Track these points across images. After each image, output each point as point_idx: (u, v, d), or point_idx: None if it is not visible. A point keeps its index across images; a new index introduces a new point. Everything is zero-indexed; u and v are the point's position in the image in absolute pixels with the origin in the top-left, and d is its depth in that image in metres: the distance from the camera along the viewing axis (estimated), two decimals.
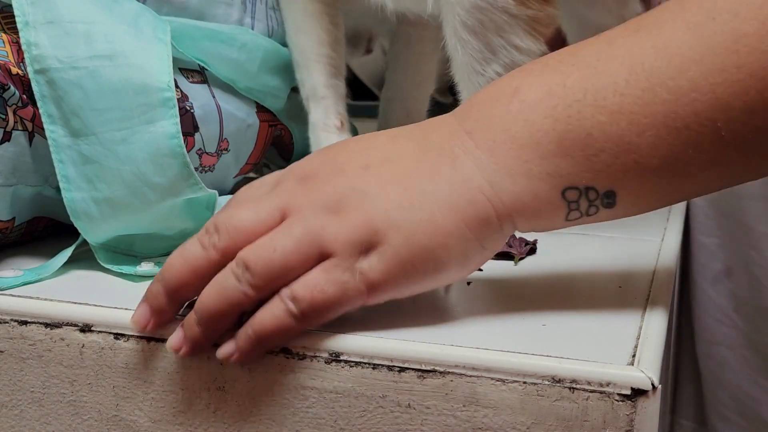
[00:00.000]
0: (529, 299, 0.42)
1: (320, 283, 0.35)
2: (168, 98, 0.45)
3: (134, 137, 0.45)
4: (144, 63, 0.45)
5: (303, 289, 0.35)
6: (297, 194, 0.37)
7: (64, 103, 0.45)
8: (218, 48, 0.56)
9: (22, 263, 0.48)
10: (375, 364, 0.35)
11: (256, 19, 0.60)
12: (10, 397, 0.41)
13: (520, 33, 0.51)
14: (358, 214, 0.36)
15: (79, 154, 0.45)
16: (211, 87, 0.56)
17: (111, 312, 0.39)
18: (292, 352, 0.36)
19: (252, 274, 0.35)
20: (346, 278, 0.35)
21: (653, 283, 0.44)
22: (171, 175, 0.45)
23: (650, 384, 0.32)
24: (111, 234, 0.47)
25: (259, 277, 0.35)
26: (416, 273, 0.36)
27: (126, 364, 0.39)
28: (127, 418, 0.39)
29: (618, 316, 0.39)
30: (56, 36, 0.45)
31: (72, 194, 0.45)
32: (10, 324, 0.40)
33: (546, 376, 0.33)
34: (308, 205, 0.36)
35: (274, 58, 0.60)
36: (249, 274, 0.35)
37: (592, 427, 0.33)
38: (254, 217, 0.37)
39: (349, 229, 0.35)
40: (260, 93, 0.60)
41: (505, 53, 0.51)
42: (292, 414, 0.37)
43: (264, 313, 0.35)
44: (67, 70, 0.45)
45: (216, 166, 0.56)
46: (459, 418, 0.35)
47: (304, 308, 0.35)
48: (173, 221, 0.49)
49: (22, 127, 0.46)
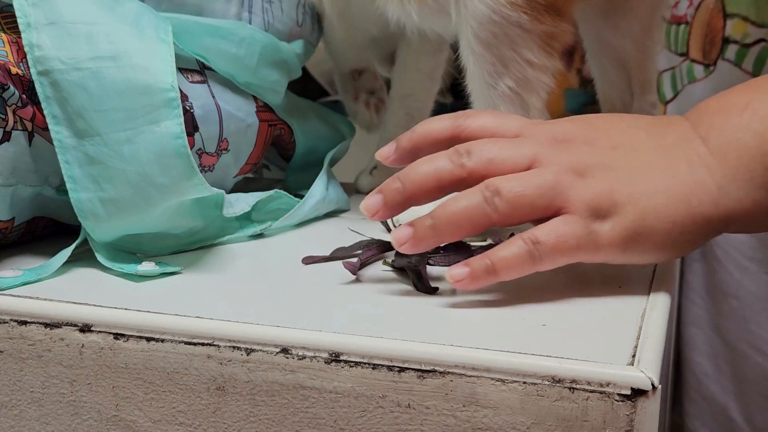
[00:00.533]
0: (529, 299, 0.42)
1: (563, 232, 0.40)
2: (172, 98, 0.45)
3: (139, 138, 0.45)
4: (147, 63, 0.45)
5: (546, 235, 0.40)
6: (548, 151, 0.42)
7: (68, 105, 0.45)
8: (218, 43, 0.56)
9: (21, 263, 0.48)
10: (375, 364, 0.35)
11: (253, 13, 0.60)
12: (10, 397, 0.41)
13: (534, 48, 0.51)
14: (602, 183, 0.40)
15: (84, 154, 0.45)
16: (211, 87, 0.56)
17: (111, 312, 0.39)
18: (292, 352, 0.36)
19: (502, 199, 0.40)
20: (582, 234, 0.40)
21: (653, 283, 0.44)
22: (175, 175, 0.45)
23: (650, 384, 0.32)
24: (118, 233, 0.47)
25: (508, 205, 0.40)
26: (637, 248, 0.41)
27: (126, 364, 0.39)
28: (126, 418, 0.39)
29: (618, 316, 0.39)
30: (58, 37, 0.45)
31: (78, 195, 0.45)
32: (10, 324, 0.40)
33: (546, 376, 0.33)
34: (559, 163, 0.41)
35: (272, 52, 0.60)
36: (499, 199, 0.40)
37: (591, 427, 0.33)
38: (507, 155, 0.42)
39: (592, 193, 0.40)
40: (259, 88, 0.60)
41: (517, 67, 0.52)
42: (292, 414, 0.37)
43: (505, 249, 0.40)
44: (70, 72, 0.45)
45: (216, 166, 0.56)
46: (459, 418, 0.35)
47: (544, 252, 0.40)
48: (180, 220, 0.49)
49: (22, 127, 0.46)
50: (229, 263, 0.49)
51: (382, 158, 0.45)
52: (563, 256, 0.40)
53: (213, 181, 0.56)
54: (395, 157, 0.45)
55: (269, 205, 0.57)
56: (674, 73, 0.81)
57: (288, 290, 0.44)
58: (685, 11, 0.78)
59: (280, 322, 0.38)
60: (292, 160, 0.68)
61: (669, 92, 0.82)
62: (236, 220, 0.54)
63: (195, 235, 0.51)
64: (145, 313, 0.39)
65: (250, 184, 0.68)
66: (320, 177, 0.62)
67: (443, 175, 0.42)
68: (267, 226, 0.55)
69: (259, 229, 0.55)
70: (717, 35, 0.74)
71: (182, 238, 0.51)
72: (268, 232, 0.56)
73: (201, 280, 0.46)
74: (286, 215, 0.56)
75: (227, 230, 0.54)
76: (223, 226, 0.53)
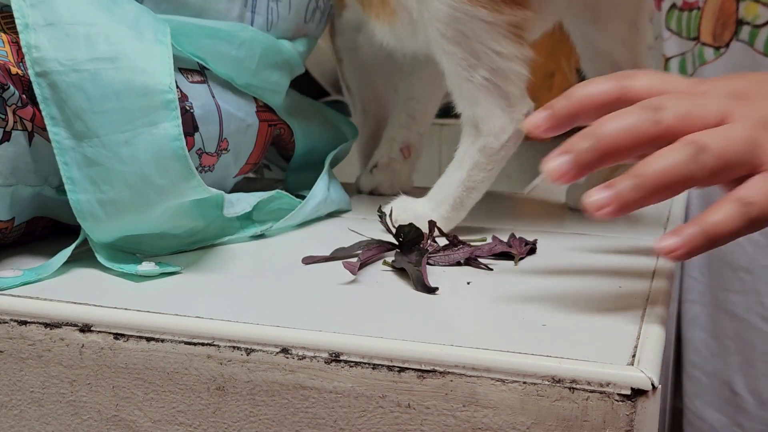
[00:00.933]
0: (529, 299, 0.42)
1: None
2: (170, 100, 0.45)
3: (137, 139, 0.45)
4: (145, 65, 0.45)
5: (760, 195, 0.37)
6: (735, 106, 0.39)
7: (66, 106, 0.45)
8: (217, 45, 0.56)
9: (21, 263, 0.48)
10: (375, 364, 0.35)
11: (257, 13, 0.59)
12: (10, 397, 0.41)
13: (500, 39, 0.52)
14: None
15: (83, 156, 0.45)
16: (211, 87, 0.56)
17: (111, 312, 0.39)
18: (292, 352, 0.36)
19: (710, 155, 0.37)
20: None
21: (653, 283, 0.44)
22: (173, 177, 0.45)
23: (650, 384, 0.32)
24: (118, 234, 0.47)
25: (717, 159, 0.37)
26: None
27: (126, 364, 0.39)
28: (126, 418, 0.39)
29: (618, 316, 0.39)
30: (57, 38, 0.45)
31: (77, 196, 0.45)
32: (10, 324, 0.40)
33: (546, 376, 0.33)
34: (750, 117, 0.38)
35: (272, 53, 0.60)
36: (707, 155, 0.37)
37: (591, 427, 0.33)
38: (699, 111, 0.39)
39: None
40: (259, 89, 0.60)
41: (488, 59, 0.52)
42: (292, 414, 0.37)
43: (716, 213, 0.37)
44: (68, 73, 0.45)
45: (216, 166, 0.56)
46: (459, 418, 0.35)
47: (758, 214, 0.37)
48: (180, 221, 0.49)
49: (22, 127, 0.46)
50: (229, 263, 0.49)
51: (533, 126, 0.41)
52: None
53: (213, 181, 0.56)
54: (549, 125, 0.41)
55: (270, 205, 0.57)
56: (684, 59, 0.84)
57: (288, 290, 0.44)
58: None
59: (280, 322, 0.38)
60: (291, 161, 0.68)
61: None
62: (237, 220, 0.54)
63: (195, 235, 0.51)
64: (145, 313, 0.39)
65: (251, 184, 0.68)
66: (321, 178, 0.62)
67: (639, 131, 0.38)
68: (268, 227, 0.55)
69: (260, 230, 0.55)
70: (730, 18, 0.77)
71: (183, 238, 0.51)
72: (268, 233, 0.56)
73: (201, 280, 0.46)
74: (287, 216, 0.56)
75: (228, 230, 0.54)
76: (224, 227, 0.53)
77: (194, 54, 0.55)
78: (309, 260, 0.49)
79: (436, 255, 0.49)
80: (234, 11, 0.58)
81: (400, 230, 0.49)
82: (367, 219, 0.61)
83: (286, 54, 0.61)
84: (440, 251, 0.49)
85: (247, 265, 0.49)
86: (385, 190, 0.71)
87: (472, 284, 0.44)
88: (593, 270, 0.46)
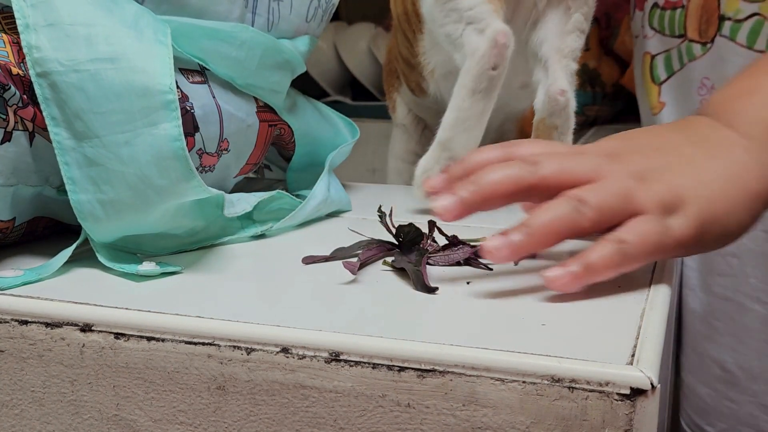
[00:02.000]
0: (529, 299, 0.42)
1: (644, 230, 0.42)
2: (170, 101, 0.45)
3: (137, 140, 0.45)
4: (145, 65, 0.45)
5: (629, 233, 0.41)
6: (606, 164, 0.44)
7: (66, 107, 0.45)
8: (217, 46, 0.56)
9: (22, 263, 0.48)
10: (375, 364, 0.35)
11: (257, 14, 0.59)
12: (11, 396, 0.41)
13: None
14: (662, 183, 0.43)
15: (83, 156, 0.45)
16: (212, 87, 0.56)
17: (111, 311, 0.39)
18: (292, 351, 0.36)
19: (590, 207, 0.42)
20: (661, 229, 0.42)
21: (652, 282, 0.44)
22: (174, 178, 0.45)
23: (649, 384, 0.32)
24: (118, 234, 0.47)
25: (595, 212, 0.42)
26: (709, 235, 0.43)
27: (126, 364, 0.39)
28: (127, 418, 0.39)
29: (617, 315, 0.39)
30: (57, 39, 0.45)
31: (78, 196, 0.45)
32: (11, 324, 0.40)
33: (545, 375, 0.33)
34: (619, 172, 0.44)
35: (273, 53, 0.60)
36: (586, 207, 0.42)
37: (591, 427, 0.33)
38: (575, 166, 0.44)
39: (657, 193, 0.43)
40: (260, 89, 0.60)
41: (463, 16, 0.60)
42: (292, 414, 0.37)
43: (596, 251, 0.41)
44: (69, 74, 0.45)
45: (216, 166, 0.56)
46: (458, 418, 0.35)
47: (630, 250, 0.41)
48: (181, 221, 0.49)
49: (23, 128, 0.47)
50: (229, 263, 0.49)
51: (432, 188, 0.47)
52: (648, 252, 0.42)
53: (213, 182, 0.56)
54: (445, 186, 0.46)
55: (271, 205, 0.57)
56: (668, 56, 0.86)
57: (288, 290, 0.44)
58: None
59: (280, 321, 0.38)
60: (292, 161, 0.68)
61: (663, 74, 0.87)
62: (238, 220, 0.54)
63: (196, 235, 0.52)
64: (146, 312, 0.39)
65: (252, 184, 0.68)
66: (322, 178, 0.62)
67: (518, 179, 0.43)
68: (269, 227, 0.56)
69: (261, 230, 0.55)
70: (713, 15, 0.80)
71: (183, 238, 0.51)
72: (269, 233, 0.56)
73: (201, 280, 0.46)
74: (288, 216, 0.56)
75: (228, 230, 0.54)
76: (225, 226, 0.53)
77: (194, 54, 0.55)
78: (309, 260, 0.49)
79: (436, 255, 0.49)
80: (235, 12, 0.58)
81: (399, 230, 0.49)
82: (367, 219, 0.61)
83: (286, 54, 0.61)
84: (440, 251, 0.49)
85: (247, 265, 0.49)
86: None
87: (472, 284, 0.44)
88: None
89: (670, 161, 0.45)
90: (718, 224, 0.44)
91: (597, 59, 1.24)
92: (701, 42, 0.81)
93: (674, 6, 0.84)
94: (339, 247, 0.50)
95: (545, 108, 0.62)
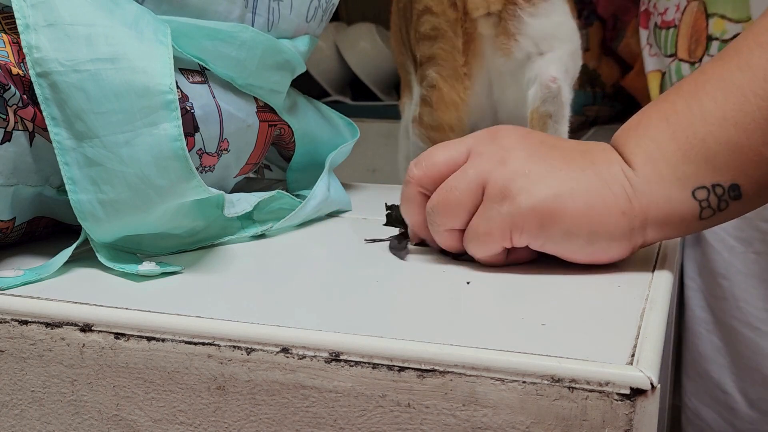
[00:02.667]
0: (529, 299, 0.42)
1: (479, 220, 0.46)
2: (170, 101, 0.45)
3: (137, 140, 0.45)
4: (146, 66, 0.45)
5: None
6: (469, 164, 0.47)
7: (67, 107, 0.45)
8: (217, 46, 0.56)
9: (22, 263, 0.48)
10: (375, 364, 0.35)
11: (257, 14, 0.59)
12: (11, 396, 0.41)
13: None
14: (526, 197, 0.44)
15: (83, 156, 0.45)
16: (212, 87, 0.56)
17: (111, 311, 0.39)
18: (292, 351, 0.36)
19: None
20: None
21: (652, 282, 0.44)
22: (174, 178, 0.45)
23: (649, 384, 0.32)
24: (118, 234, 0.47)
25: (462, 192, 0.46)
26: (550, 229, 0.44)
27: (126, 364, 0.39)
28: (127, 418, 0.39)
29: (617, 315, 0.39)
30: (57, 39, 0.45)
31: (78, 196, 0.45)
32: (11, 324, 0.40)
33: (545, 375, 0.33)
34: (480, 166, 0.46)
35: (273, 53, 0.60)
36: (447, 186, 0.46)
37: (591, 427, 0.33)
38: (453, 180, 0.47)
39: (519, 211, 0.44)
40: (260, 89, 0.60)
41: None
42: (293, 413, 0.37)
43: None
44: (69, 74, 0.45)
45: (216, 166, 0.56)
46: (458, 418, 0.35)
47: (472, 236, 0.46)
48: (181, 221, 0.49)
49: (23, 127, 0.47)
50: (229, 263, 0.49)
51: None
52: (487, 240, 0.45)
53: (214, 182, 0.56)
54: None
55: (271, 205, 0.57)
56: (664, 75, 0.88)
57: (288, 290, 0.44)
58: (673, 16, 0.86)
59: (280, 321, 0.38)
60: (292, 161, 0.68)
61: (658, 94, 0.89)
62: (238, 220, 0.54)
63: (196, 235, 0.52)
64: (146, 312, 0.39)
65: (252, 184, 0.68)
66: (322, 178, 0.62)
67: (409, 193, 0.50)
68: (269, 227, 0.56)
69: (261, 230, 0.55)
70: (702, 35, 0.82)
71: (183, 238, 0.51)
72: (269, 233, 0.56)
73: (201, 280, 0.46)
74: (288, 216, 0.56)
75: (229, 230, 0.54)
76: (225, 226, 0.53)
77: (195, 55, 0.55)
78: (371, 241, 0.53)
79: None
80: (235, 12, 0.58)
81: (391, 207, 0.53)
82: (368, 219, 0.61)
83: (286, 54, 0.61)
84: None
85: (247, 265, 0.49)
86: None
87: (472, 284, 0.44)
88: (593, 270, 0.46)
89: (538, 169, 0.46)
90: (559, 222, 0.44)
91: (597, 59, 1.24)
92: (690, 62, 0.82)
93: (668, 26, 0.86)
94: (391, 236, 0.53)
95: (537, 96, 0.62)
